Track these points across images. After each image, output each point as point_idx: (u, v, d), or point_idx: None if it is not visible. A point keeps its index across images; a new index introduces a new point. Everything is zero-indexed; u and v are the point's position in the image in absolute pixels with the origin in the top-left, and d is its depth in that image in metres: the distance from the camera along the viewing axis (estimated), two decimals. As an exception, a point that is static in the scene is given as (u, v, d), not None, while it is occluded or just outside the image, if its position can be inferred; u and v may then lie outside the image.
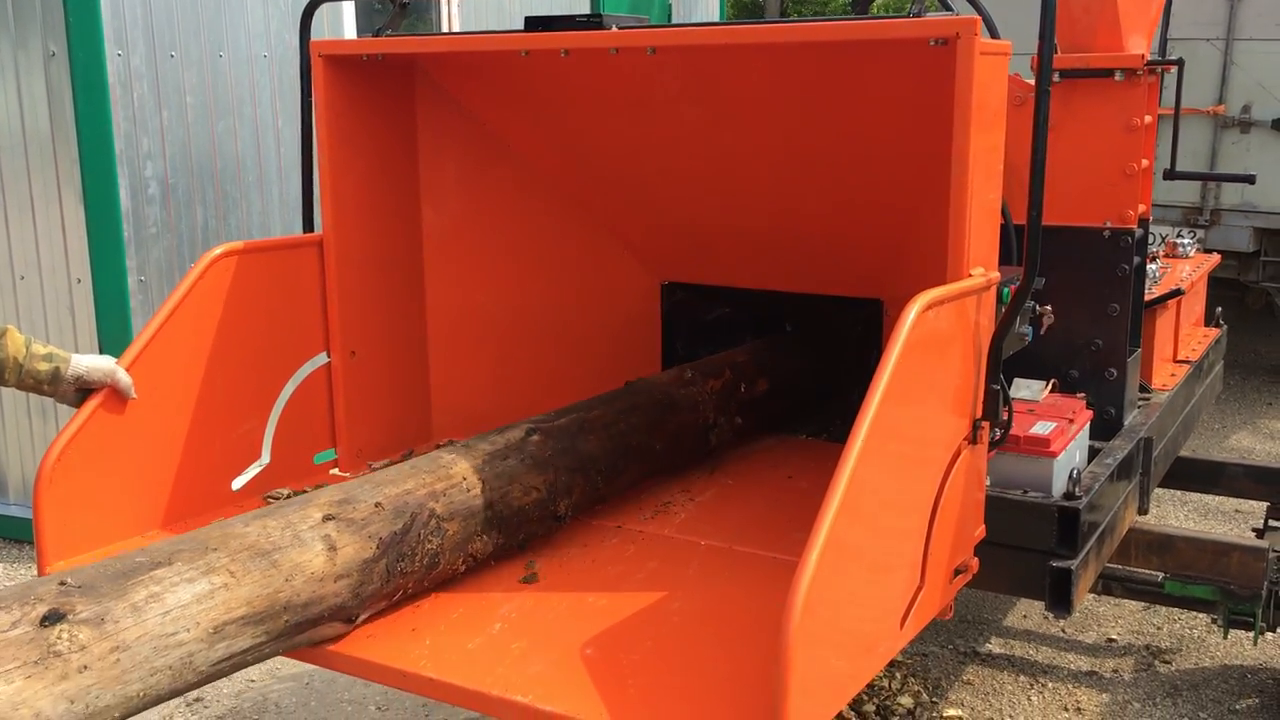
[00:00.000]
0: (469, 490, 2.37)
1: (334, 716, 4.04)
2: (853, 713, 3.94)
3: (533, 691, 1.95)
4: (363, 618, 2.18)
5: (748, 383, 3.25)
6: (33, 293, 5.35)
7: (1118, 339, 3.36)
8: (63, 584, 1.74)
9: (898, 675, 4.21)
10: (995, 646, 4.51)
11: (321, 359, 3.00)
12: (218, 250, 2.72)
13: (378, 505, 2.21)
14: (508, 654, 2.09)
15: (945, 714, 4.02)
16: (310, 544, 2.06)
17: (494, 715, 1.99)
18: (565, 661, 2.07)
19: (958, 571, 2.36)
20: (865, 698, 4.03)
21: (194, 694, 4.18)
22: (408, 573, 2.23)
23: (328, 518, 2.12)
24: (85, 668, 1.66)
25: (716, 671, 2.05)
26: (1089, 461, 3.14)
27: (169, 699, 1.88)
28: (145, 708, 1.80)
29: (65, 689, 1.63)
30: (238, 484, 2.82)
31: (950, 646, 4.49)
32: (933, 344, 2.12)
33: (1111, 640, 4.56)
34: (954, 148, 2.18)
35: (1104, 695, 4.15)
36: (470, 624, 2.22)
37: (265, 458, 2.88)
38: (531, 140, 3.20)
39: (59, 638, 1.66)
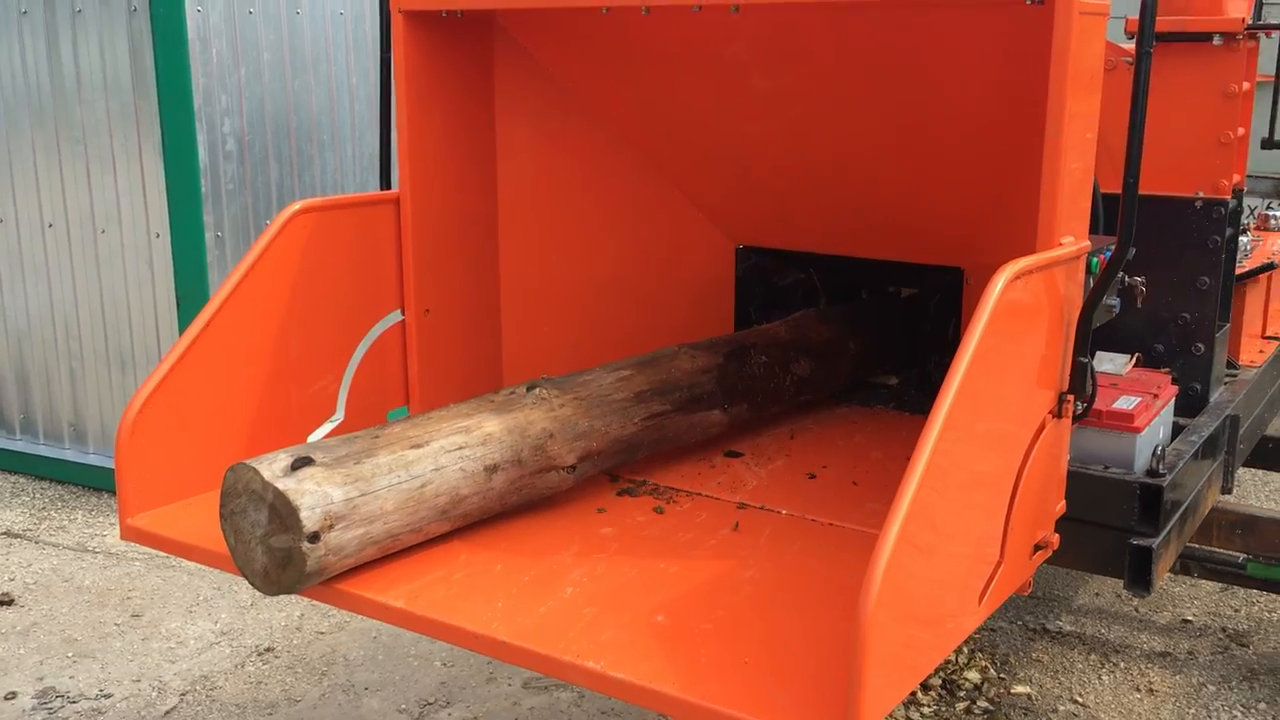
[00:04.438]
0: (774, 336, 3.19)
1: (400, 670, 4.09)
2: (919, 686, 3.91)
3: (604, 658, 1.94)
4: (733, 410, 2.94)
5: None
6: (113, 247, 5.44)
7: (1206, 313, 3.26)
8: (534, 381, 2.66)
9: (965, 650, 4.17)
10: (1066, 624, 4.44)
11: (396, 317, 3.00)
12: (296, 206, 2.73)
13: (713, 342, 3.04)
14: (579, 619, 2.08)
15: (1014, 690, 3.97)
16: (676, 356, 2.91)
17: (565, 680, 1.98)
18: (636, 629, 2.05)
19: (1038, 547, 2.31)
20: (932, 672, 3.99)
21: (265, 645, 4.26)
22: (751, 377, 3.01)
23: (680, 346, 2.97)
24: (562, 406, 2.57)
25: (789, 643, 2.02)
26: (1173, 438, 3.05)
27: (622, 452, 2.69)
28: (608, 447, 2.63)
29: (554, 415, 2.54)
30: (313, 439, 2.85)
31: (1020, 623, 4.43)
32: (1019, 315, 2.06)
33: (1187, 621, 4.47)
34: (1048, 112, 2.11)
35: (1178, 676, 4.07)
36: (542, 588, 2.22)
37: (340, 414, 2.89)
38: (609, 100, 3.17)
39: (539, 396, 2.56)
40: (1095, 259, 2.40)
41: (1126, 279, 2.66)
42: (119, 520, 2.52)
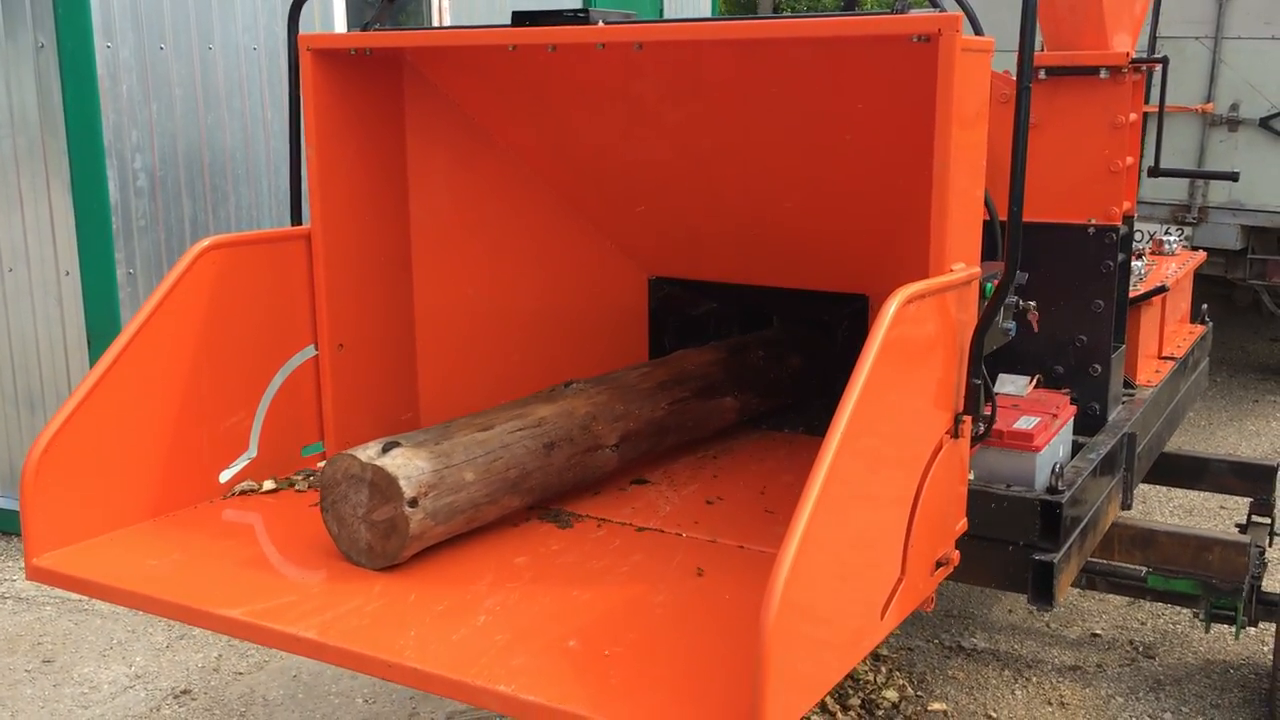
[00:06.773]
0: (768, 337, 3.59)
1: (321, 709, 4.05)
2: (838, 706, 3.96)
3: (515, 682, 1.96)
4: (742, 398, 3.30)
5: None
6: (21, 285, 5.35)
7: (1102, 335, 3.38)
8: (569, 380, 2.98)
9: (883, 669, 4.24)
10: (980, 641, 4.53)
11: (309, 352, 3.01)
12: (205, 243, 2.73)
13: (714, 343, 3.45)
14: (491, 645, 2.10)
15: (930, 708, 4.05)
16: (685, 355, 3.30)
17: (477, 705, 2.00)
18: (548, 653, 2.08)
19: (939, 564, 2.38)
20: (850, 692, 4.06)
21: (182, 687, 4.19)
22: (754, 368, 3.38)
23: (685, 349, 3.39)
24: (599, 394, 2.90)
25: (698, 663, 2.06)
26: (1072, 457, 3.16)
27: (655, 434, 3.02)
28: (643, 428, 2.96)
29: (593, 401, 2.88)
30: (225, 476, 2.83)
31: (936, 641, 4.52)
32: (912, 339, 2.14)
33: (1095, 635, 4.59)
34: (935, 144, 2.19)
35: (1088, 690, 4.18)
36: (455, 616, 2.23)
37: (253, 450, 2.88)
38: (519, 135, 3.21)
39: (577, 389, 2.89)
40: (990, 284, 2.49)
41: (1020, 303, 2.76)
42: (25, 560, 2.48)
